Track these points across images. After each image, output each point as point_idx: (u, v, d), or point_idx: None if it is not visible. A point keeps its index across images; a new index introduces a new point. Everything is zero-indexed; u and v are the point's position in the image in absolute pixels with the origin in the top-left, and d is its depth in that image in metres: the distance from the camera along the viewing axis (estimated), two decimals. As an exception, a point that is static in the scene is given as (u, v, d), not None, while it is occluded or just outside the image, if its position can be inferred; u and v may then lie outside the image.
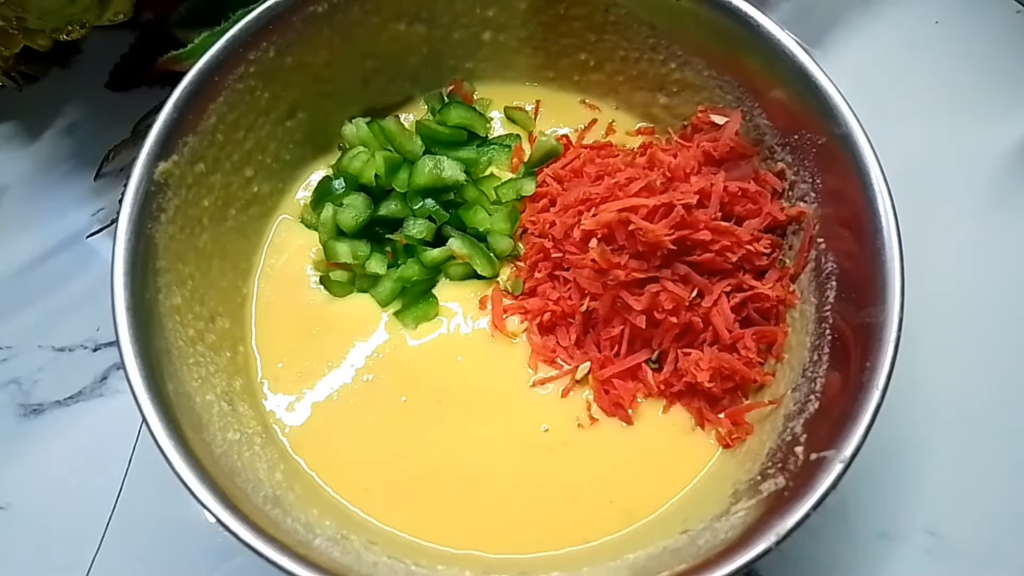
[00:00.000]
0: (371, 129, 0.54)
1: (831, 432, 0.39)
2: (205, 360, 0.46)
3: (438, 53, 0.55)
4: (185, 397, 0.42)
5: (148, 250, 0.43)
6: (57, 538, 0.50)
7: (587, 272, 0.48)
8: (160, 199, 0.44)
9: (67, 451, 0.53)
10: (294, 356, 0.50)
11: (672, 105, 0.54)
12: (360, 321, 0.51)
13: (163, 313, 0.43)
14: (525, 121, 0.56)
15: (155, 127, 0.44)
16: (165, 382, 0.41)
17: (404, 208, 0.52)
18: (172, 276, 0.45)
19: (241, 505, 0.38)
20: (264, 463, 0.44)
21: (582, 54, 0.54)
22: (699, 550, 0.39)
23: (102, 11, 0.54)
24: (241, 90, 0.48)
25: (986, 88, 0.61)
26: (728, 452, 0.46)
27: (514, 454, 0.47)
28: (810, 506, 0.37)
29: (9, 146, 0.62)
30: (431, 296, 0.51)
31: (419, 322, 0.51)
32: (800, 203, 0.47)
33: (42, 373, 0.55)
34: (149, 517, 0.50)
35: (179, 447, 0.39)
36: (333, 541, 0.41)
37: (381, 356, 0.50)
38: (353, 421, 0.48)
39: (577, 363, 0.49)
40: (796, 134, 0.47)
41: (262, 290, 0.52)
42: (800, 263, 0.47)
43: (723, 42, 0.48)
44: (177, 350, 0.43)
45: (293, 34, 0.48)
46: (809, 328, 0.45)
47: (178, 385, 0.42)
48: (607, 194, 0.48)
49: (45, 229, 0.59)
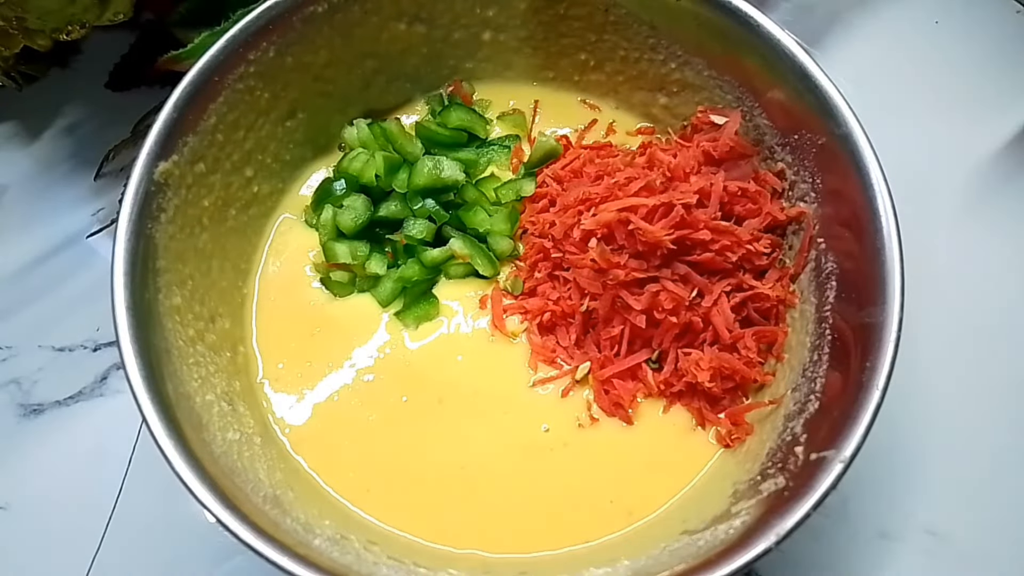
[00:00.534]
0: (372, 131, 0.54)
1: (831, 432, 0.39)
2: (205, 360, 0.46)
3: (438, 53, 0.55)
4: (185, 397, 0.42)
5: (148, 250, 0.43)
6: (57, 538, 0.50)
7: (587, 272, 0.48)
8: (160, 199, 0.44)
9: (67, 451, 0.53)
10: (294, 356, 0.50)
11: (672, 105, 0.54)
12: (361, 321, 0.51)
13: (163, 313, 0.43)
14: (520, 124, 0.56)
15: (155, 127, 0.44)
16: (165, 382, 0.41)
17: (404, 209, 0.52)
18: (172, 276, 0.45)
19: (241, 505, 0.38)
20: (264, 463, 0.44)
21: (582, 54, 0.55)
22: (699, 550, 0.39)
23: (102, 11, 0.54)
24: (241, 90, 0.48)
25: (986, 88, 0.62)
26: (728, 452, 0.46)
27: (514, 454, 0.47)
28: (810, 506, 0.37)
29: (9, 146, 0.62)
30: (431, 296, 0.52)
31: (420, 322, 0.51)
32: (800, 203, 0.47)
33: (42, 373, 0.55)
34: (149, 517, 0.50)
35: (179, 447, 0.39)
36: (333, 541, 0.41)
37: (381, 356, 0.50)
38: (353, 421, 0.48)
39: (577, 363, 0.49)
40: (796, 134, 0.47)
41: (262, 290, 0.52)
42: (800, 263, 0.47)
43: (723, 42, 0.48)
44: (177, 350, 0.43)
45: (293, 34, 0.48)
46: (809, 328, 0.45)
47: (178, 385, 0.42)
48: (607, 194, 0.48)
49: (45, 229, 0.59)
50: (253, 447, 0.45)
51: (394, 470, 0.47)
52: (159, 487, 0.48)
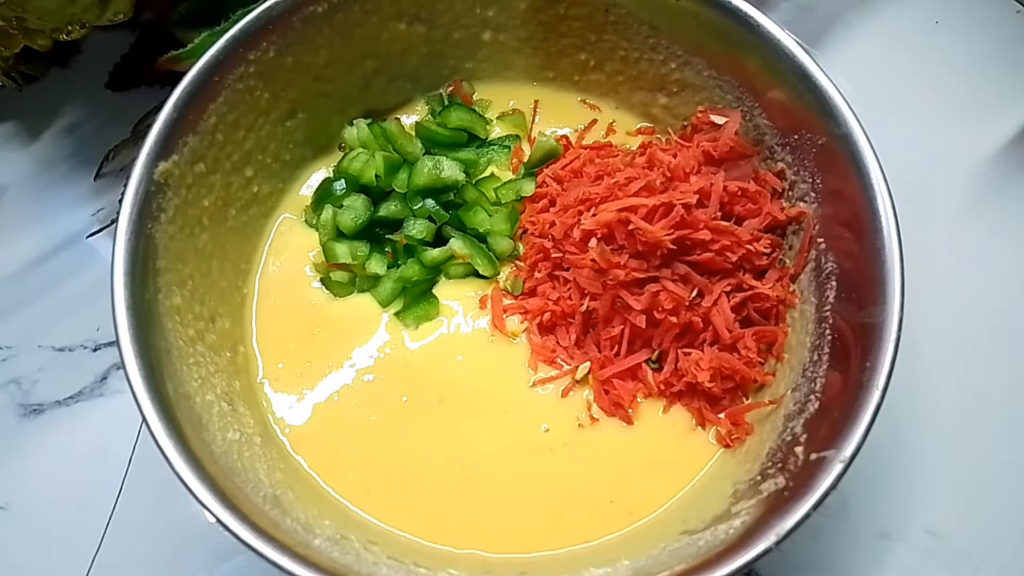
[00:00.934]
0: (372, 131, 0.54)
1: (831, 432, 0.39)
2: (205, 360, 0.46)
3: (438, 53, 0.55)
4: (185, 397, 0.42)
5: (148, 250, 0.43)
6: (57, 538, 0.50)
7: (587, 272, 0.48)
8: (160, 199, 0.44)
9: (67, 451, 0.53)
10: (294, 356, 0.50)
11: (672, 105, 0.54)
12: (361, 321, 0.51)
13: (163, 313, 0.43)
14: (520, 124, 0.56)
15: (155, 127, 0.44)
16: (165, 382, 0.41)
17: (404, 209, 0.52)
18: (172, 276, 0.45)
19: (241, 505, 0.38)
20: (264, 463, 0.44)
21: (582, 54, 0.55)
22: (699, 550, 0.39)
23: (102, 11, 0.54)
24: (241, 90, 0.48)
25: (986, 88, 0.61)
26: (728, 452, 0.46)
27: (514, 454, 0.47)
28: (810, 506, 0.37)
29: (9, 146, 0.62)
30: (431, 296, 0.52)
31: (420, 322, 0.51)
32: (800, 203, 0.47)
33: (42, 373, 0.55)
34: (149, 517, 0.50)
35: (179, 447, 0.38)
36: (333, 541, 0.41)
37: (381, 356, 0.50)
38: (353, 421, 0.48)
39: (577, 363, 0.49)
40: (796, 134, 0.47)
41: (262, 290, 0.52)
42: (800, 263, 0.47)
43: (723, 42, 0.48)
44: (177, 350, 0.43)
45: (293, 34, 0.48)
46: (809, 328, 0.45)
47: (178, 385, 0.42)
48: (607, 194, 0.48)
49: (45, 229, 0.59)
50: (253, 447, 0.45)
51: (394, 470, 0.47)
52: (159, 487, 0.48)
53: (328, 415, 0.48)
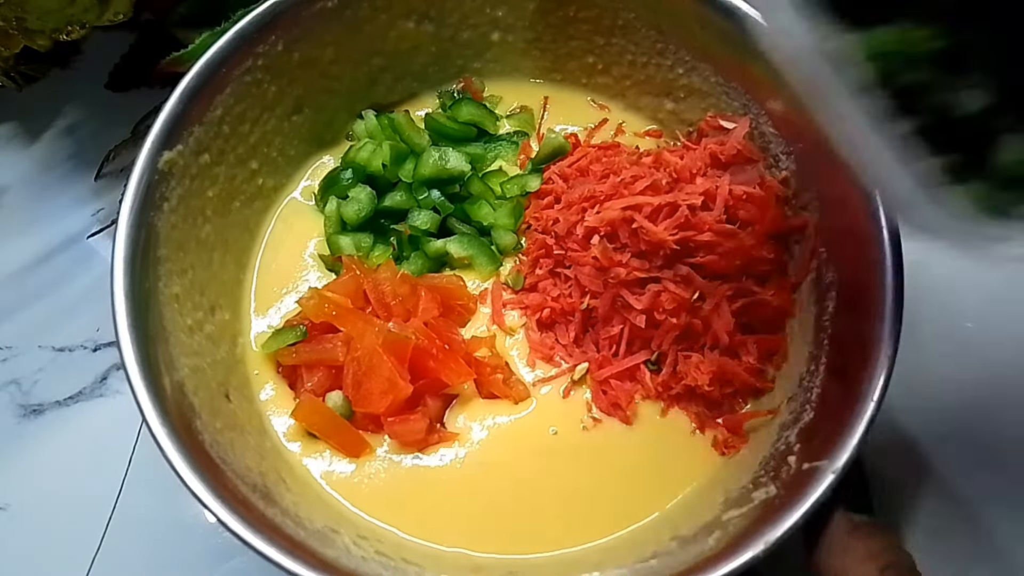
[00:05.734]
0: (379, 122, 0.54)
1: (825, 442, 0.39)
2: (203, 351, 0.45)
3: (446, 53, 0.55)
4: (182, 388, 0.42)
5: (149, 238, 0.43)
6: (57, 538, 0.50)
7: (588, 269, 0.48)
8: (163, 188, 0.44)
9: (67, 451, 0.53)
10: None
11: (679, 111, 0.54)
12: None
13: (162, 302, 0.43)
14: (529, 122, 0.56)
15: (160, 116, 0.44)
16: (163, 374, 0.41)
17: (409, 199, 0.52)
18: (173, 265, 0.45)
19: (241, 505, 0.38)
20: (258, 457, 0.44)
21: (590, 57, 0.54)
22: (688, 556, 0.39)
23: (102, 11, 0.54)
24: (248, 83, 0.48)
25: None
26: (722, 460, 0.46)
27: (513, 454, 0.47)
28: (800, 515, 0.37)
29: (9, 146, 0.62)
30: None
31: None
32: (803, 212, 0.47)
33: (42, 373, 0.55)
34: (149, 517, 0.50)
35: (179, 447, 0.38)
36: (322, 535, 0.41)
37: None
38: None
39: (575, 361, 0.48)
40: (801, 142, 0.46)
41: (262, 283, 0.51)
42: (802, 272, 0.47)
43: (730, 48, 0.47)
44: (175, 339, 0.43)
45: (301, 29, 0.49)
46: (808, 338, 0.45)
47: (175, 375, 0.42)
48: (612, 192, 0.48)
49: (45, 229, 0.59)
50: (248, 441, 0.44)
51: (389, 467, 0.46)
52: (159, 487, 0.48)
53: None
